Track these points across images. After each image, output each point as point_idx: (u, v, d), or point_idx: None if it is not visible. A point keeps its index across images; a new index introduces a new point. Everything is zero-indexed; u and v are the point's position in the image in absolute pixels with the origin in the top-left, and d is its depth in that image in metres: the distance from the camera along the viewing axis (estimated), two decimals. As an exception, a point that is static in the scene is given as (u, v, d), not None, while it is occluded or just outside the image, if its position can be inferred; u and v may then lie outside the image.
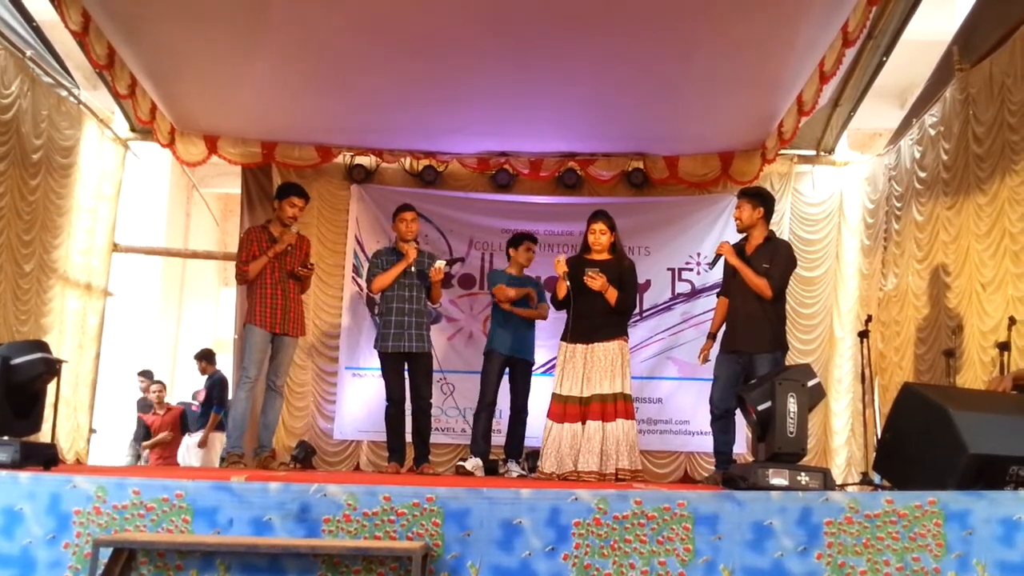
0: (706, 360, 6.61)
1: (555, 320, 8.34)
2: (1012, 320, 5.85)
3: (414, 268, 6.97)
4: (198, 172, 11.35)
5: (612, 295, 6.28)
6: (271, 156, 9.05)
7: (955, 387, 6.37)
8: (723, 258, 6.44)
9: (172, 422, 10.46)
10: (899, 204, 8.21)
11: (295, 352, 7.52)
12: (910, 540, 3.79)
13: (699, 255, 9.33)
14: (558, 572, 3.76)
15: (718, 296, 6.70)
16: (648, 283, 9.31)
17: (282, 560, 3.72)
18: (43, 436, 6.18)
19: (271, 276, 6.86)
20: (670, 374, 9.28)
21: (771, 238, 6.39)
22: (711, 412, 6.33)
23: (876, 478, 5.91)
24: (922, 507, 3.82)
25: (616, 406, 6.14)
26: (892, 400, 4.80)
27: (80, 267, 8.72)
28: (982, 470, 4.05)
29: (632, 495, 3.86)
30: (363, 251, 9.40)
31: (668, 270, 9.48)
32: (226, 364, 10.28)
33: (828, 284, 9.40)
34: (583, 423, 6.14)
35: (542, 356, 9.05)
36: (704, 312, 9.15)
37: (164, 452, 10.40)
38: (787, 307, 6.68)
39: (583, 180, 9.54)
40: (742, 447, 8.08)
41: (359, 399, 9.29)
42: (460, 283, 9.38)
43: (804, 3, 6.24)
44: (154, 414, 10.59)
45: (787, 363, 6.21)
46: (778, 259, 6.20)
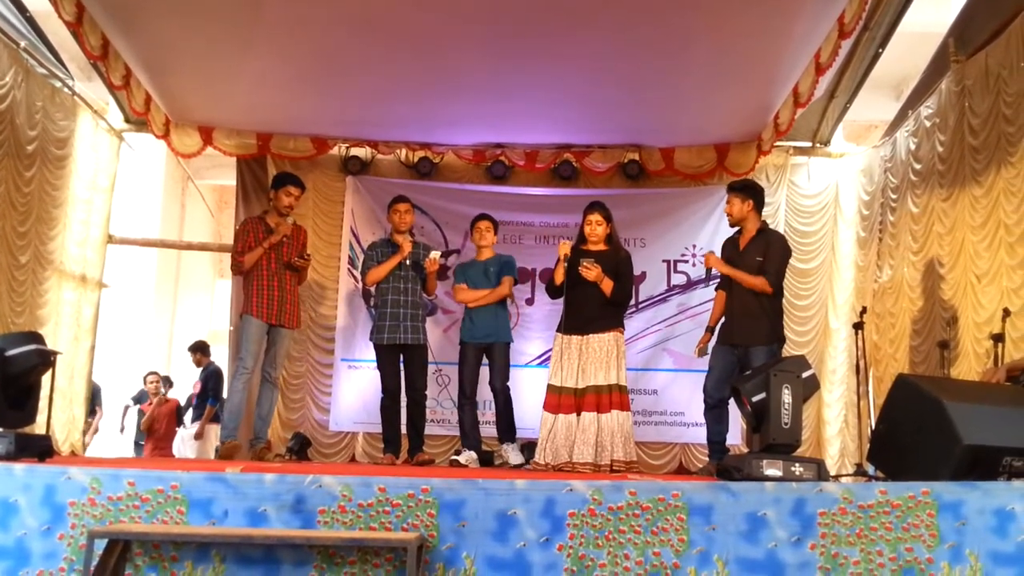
0: (703, 353, 6.60)
1: (551, 311, 8.36)
2: (1006, 312, 5.87)
3: (409, 260, 6.98)
4: (193, 163, 11.37)
5: (608, 286, 6.27)
6: (266, 147, 9.04)
7: (949, 378, 6.38)
8: (722, 253, 6.47)
9: (168, 414, 10.46)
10: (894, 196, 8.22)
11: (290, 344, 7.52)
12: (903, 531, 3.80)
13: (695, 247, 9.33)
14: (553, 563, 3.77)
15: (717, 289, 6.71)
16: (644, 275, 9.30)
17: (277, 551, 3.72)
18: (38, 428, 6.19)
19: (267, 267, 6.86)
20: (665, 366, 9.29)
21: (764, 229, 6.38)
22: (704, 402, 6.36)
23: (870, 469, 5.92)
24: (916, 498, 3.83)
25: (611, 397, 6.14)
26: (886, 391, 4.81)
27: (76, 259, 8.71)
28: (976, 461, 4.06)
29: (627, 486, 3.87)
30: (359, 243, 9.39)
31: (663, 262, 9.48)
32: (221, 355, 10.28)
33: (823, 276, 9.41)
34: (578, 414, 6.14)
35: (537, 348, 9.10)
36: (699, 304, 9.17)
37: (159, 443, 10.39)
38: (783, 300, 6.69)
39: (579, 172, 9.53)
40: (736, 438, 8.10)
41: (355, 391, 9.29)
42: (456, 275, 9.35)
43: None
44: (149, 404, 10.57)
45: (782, 355, 6.22)
46: (772, 252, 6.19)
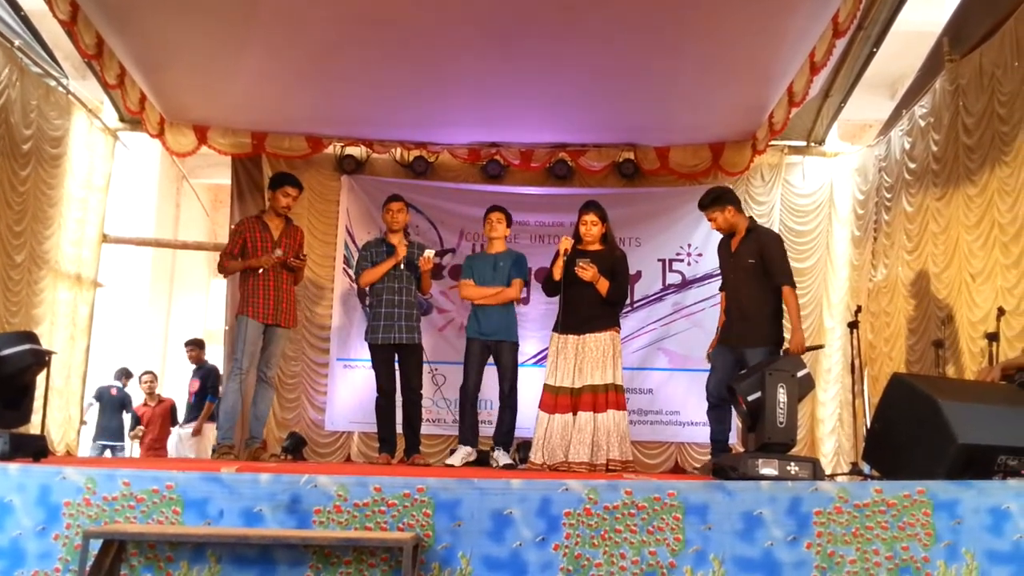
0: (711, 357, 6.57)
1: (547, 311, 8.36)
2: (1001, 311, 5.87)
3: (403, 260, 6.96)
4: (188, 163, 11.33)
5: (603, 286, 6.27)
6: (261, 147, 9.03)
7: (944, 377, 6.39)
8: (717, 256, 6.57)
9: (163, 414, 10.45)
10: (889, 195, 8.23)
11: (286, 343, 7.52)
12: (899, 529, 3.80)
13: (690, 246, 9.34)
14: (549, 562, 3.77)
15: (721, 290, 6.66)
16: (639, 274, 9.31)
17: (273, 551, 3.72)
18: (33, 428, 6.19)
19: (263, 268, 6.85)
20: (661, 365, 9.30)
21: (753, 227, 6.35)
22: (707, 400, 6.37)
23: (865, 468, 5.93)
24: (911, 496, 3.83)
25: (607, 397, 6.14)
26: (881, 390, 4.81)
27: (71, 258, 8.70)
28: (971, 460, 4.06)
29: (622, 485, 3.87)
30: (354, 242, 9.38)
31: (659, 261, 9.49)
32: (217, 355, 10.26)
33: (818, 275, 9.42)
34: (574, 414, 6.14)
35: (533, 347, 9.08)
36: (695, 303, 9.20)
37: (154, 443, 10.37)
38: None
39: (574, 171, 9.54)
40: (733, 437, 8.10)
41: (350, 390, 9.29)
42: (451, 274, 9.35)
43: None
44: (145, 405, 10.57)
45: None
46: (774, 256, 6.12)
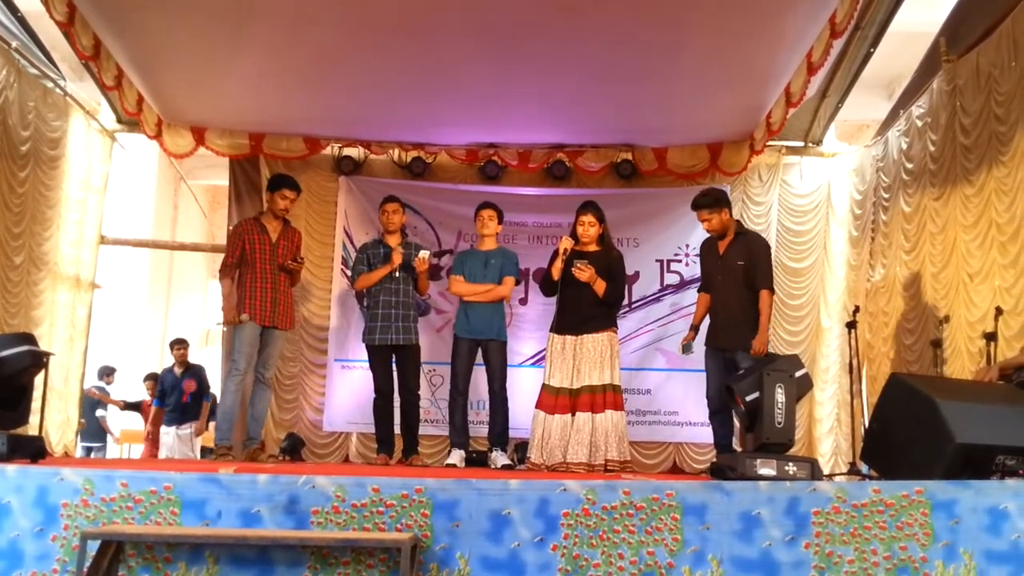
0: (688, 351, 6.74)
1: (544, 311, 8.35)
2: (999, 310, 5.87)
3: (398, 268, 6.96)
4: (185, 164, 11.35)
5: (600, 287, 6.27)
6: (259, 148, 9.02)
7: (942, 377, 6.40)
8: (699, 267, 6.81)
9: (162, 417, 10.42)
10: (886, 195, 8.23)
11: (284, 345, 7.51)
12: (897, 529, 3.81)
13: (687, 247, 9.32)
14: (547, 563, 3.77)
15: (700, 291, 6.87)
16: (637, 274, 9.31)
17: (271, 552, 3.72)
18: (31, 429, 6.18)
19: (262, 270, 6.85)
20: (659, 365, 9.30)
21: (742, 231, 6.58)
22: (709, 407, 6.54)
23: (863, 468, 5.93)
24: (909, 496, 3.84)
25: (605, 397, 6.14)
26: (879, 390, 4.82)
27: (70, 260, 8.69)
28: (969, 459, 4.07)
29: (621, 485, 3.87)
30: (351, 243, 9.38)
31: (657, 261, 9.48)
32: (214, 357, 10.26)
33: (816, 275, 9.42)
34: (572, 414, 6.14)
35: (531, 347, 9.09)
36: (692, 303, 9.08)
37: (153, 447, 10.36)
38: (775, 298, 6.82)
39: (572, 171, 9.54)
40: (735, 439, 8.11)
41: (348, 391, 9.28)
42: (449, 275, 9.33)
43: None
44: (149, 404, 10.56)
45: (774, 354, 6.29)
46: (758, 260, 6.35)
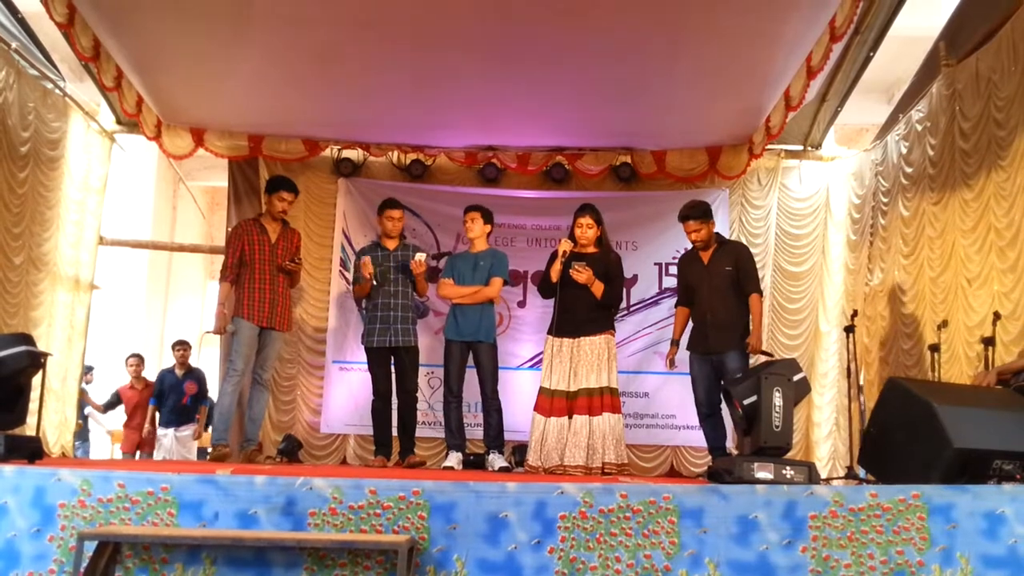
0: (673, 364, 6.87)
1: (543, 314, 8.35)
2: (997, 315, 5.88)
3: (394, 263, 6.97)
4: (184, 165, 11.33)
5: (598, 289, 6.29)
6: (258, 149, 9.01)
7: (940, 382, 6.40)
8: (680, 272, 7.07)
9: (148, 399, 10.31)
10: (885, 199, 8.23)
11: (281, 346, 7.51)
12: (894, 534, 3.81)
13: (686, 250, 9.32)
14: (544, 565, 3.77)
15: (677, 306, 7.06)
16: (635, 278, 9.31)
17: (268, 553, 3.72)
18: (29, 429, 6.18)
19: (260, 271, 6.86)
20: (657, 369, 9.27)
21: (722, 240, 6.89)
22: (699, 413, 6.66)
23: (861, 472, 5.94)
24: (906, 501, 3.84)
25: (603, 400, 6.16)
26: (877, 394, 4.82)
27: (69, 260, 8.69)
28: (966, 464, 4.07)
29: (618, 488, 3.87)
30: (350, 245, 9.39)
31: (655, 264, 9.48)
32: (213, 357, 10.24)
33: (814, 279, 9.42)
34: (570, 417, 6.16)
35: (529, 350, 9.09)
36: (691, 306, 9.20)
37: (139, 427, 10.15)
38: (773, 302, 6.90)
39: (571, 174, 9.54)
40: (728, 441, 8.10)
41: (346, 393, 9.28)
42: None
43: (791, -3, 6.26)
44: (131, 388, 10.42)
45: (772, 357, 6.35)
46: (746, 266, 6.65)
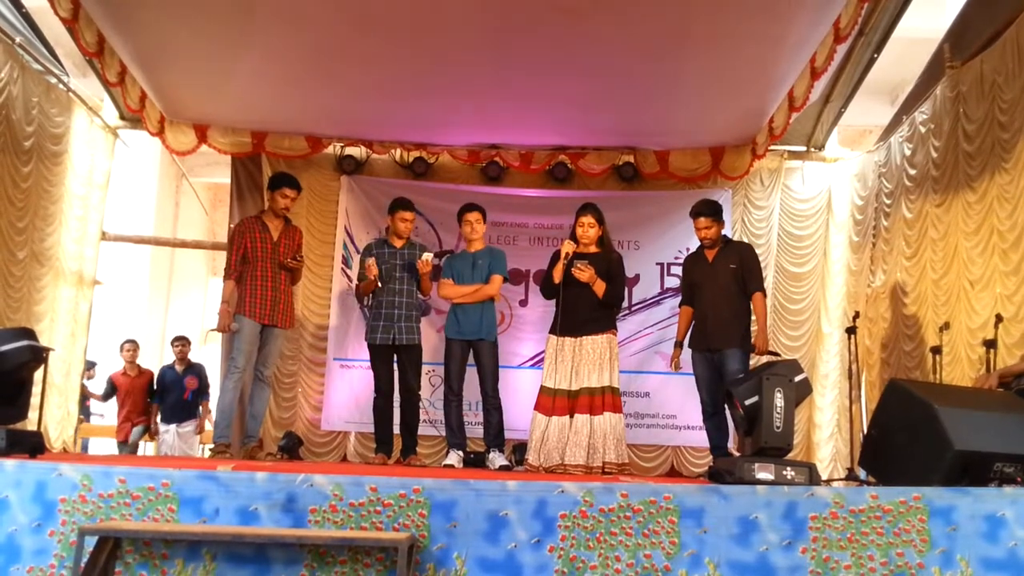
0: (678, 367, 6.89)
1: (544, 313, 8.35)
2: (999, 318, 5.87)
3: (400, 261, 6.96)
4: (187, 161, 11.34)
5: (600, 288, 6.28)
6: (261, 146, 9.01)
7: (941, 384, 6.40)
8: (681, 281, 7.14)
9: (142, 386, 10.24)
10: (888, 201, 8.23)
11: (283, 343, 7.51)
12: (894, 535, 3.81)
13: (688, 249, 9.29)
14: (544, 564, 3.77)
15: (680, 305, 7.04)
16: (637, 277, 9.31)
17: (268, 550, 3.72)
18: (30, 424, 6.18)
19: (262, 268, 6.86)
20: (658, 368, 9.28)
21: (727, 240, 6.89)
22: (704, 411, 6.68)
23: (861, 473, 5.94)
24: (907, 503, 3.84)
25: (604, 399, 6.15)
26: (878, 396, 4.82)
27: (73, 256, 8.70)
28: (967, 466, 4.07)
29: (618, 488, 3.87)
30: (352, 242, 9.40)
31: (657, 264, 9.48)
32: (214, 354, 10.25)
33: (816, 280, 9.42)
34: (571, 416, 6.15)
35: (531, 349, 9.09)
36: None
37: (130, 415, 10.02)
38: (774, 303, 6.91)
39: (573, 173, 9.55)
40: (730, 442, 8.11)
41: (347, 390, 9.29)
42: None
43: (796, -2, 6.25)
44: (124, 374, 10.35)
45: (779, 357, 6.37)
46: (751, 264, 6.66)
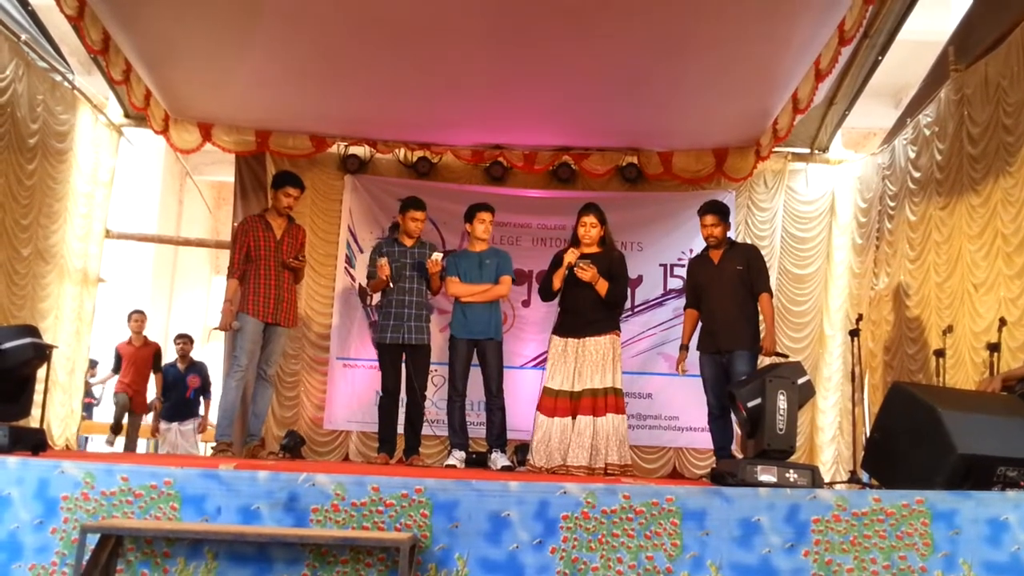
0: (684, 371, 6.91)
1: (547, 314, 8.35)
2: (1003, 321, 5.87)
3: (410, 260, 6.96)
4: (191, 159, 11.37)
5: (603, 287, 6.27)
6: (265, 145, 9.03)
7: (944, 387, 6.39)
8: (687, 284, 7.18)
9: (146, 358, 10.19)
10: (892, 204, 8.22)
11: (286, 342, 7.52)
12: (897, 539, 3.80)
13: (691, 251, 9.31)
14: (545, 565, 3.76)
15: (686, 308, 7.04)
16: (640, 278, 9.32)
17: (270, 549, 3.72)
18: (33, 421, 6.19)
19: (265, 266, 6.86)
20: (661, 370, 9.28)
21: (732, 242, 6.90)
22: (709, 413, 6.67)
23: (864, 476, 5.93)
24: (909, 506, 3.83)
25: (607, 400, 6.14)
26: (881, 399, 4.81)
27: (77, 253, 8.71)
28: (970, 470, 4.06)
29: (620, 489, 3.86)
30: (356, 242, 9.41)
31: (660, 266, 9.49)
32: (217, 352, 10.25)
33: (819, 282, 9.42)
34: (573, 417, 6.15)
35: (533, 349, 9.09)
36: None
37: (131, 386, 9.94)
38: (778, 305, 6.91)
39: (577, 174, 9.55)
40: (734, 444, 8.11)
41: (349, 389, 9.30)
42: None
43: (802, 0, 6.24)
44: (129, 344, 10.28)
45: (787, 358, 6.38)
46: (759, 266, 6.72)
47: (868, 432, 5.82)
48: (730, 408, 6.22)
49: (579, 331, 6.29)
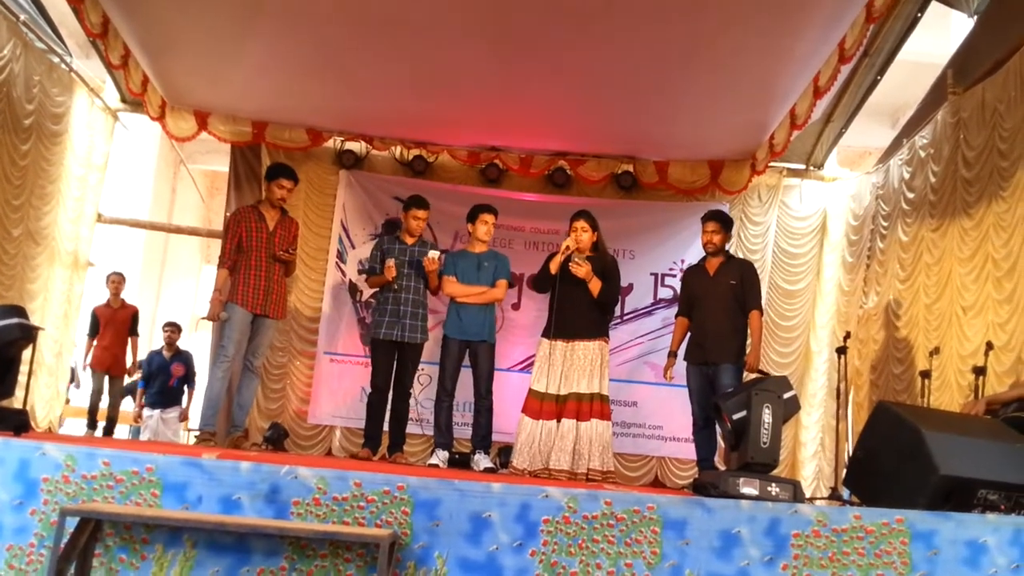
0: (671, 377, 6.94)
1: (537, 317, 8.35)
2: (990, 345, 5.89)
3: (408, 257, 6.96)
4: (186, 148, 11.32)
5: (596, 286, 6.27)
6: (261, 136, 9.01)
7: (929, 408, 6.41)
8: (680, 292, 7.15)
9: (124, 320, 10.08)
10: (885, 223, 8.24)
11: (274, 334, 7.51)
12: (875, 556, 3.81)
13: (683, 261, 9.32)
14: (525, 568, 3.76)
15: (677, 316, 7.09)
16: (631, 287, 9.32)
17: (249, 540, 3.71)
18: (17, 402, 6.16)
19: (256, 258, 6.84)
20: (647, 379, 9.29)
21: (730, 255, 6.93)
22: (694, 424, 6.71)
23: (845, 493, 5.95)
24: (889, 524, 3.84)
25: (592, 406, 6.14)
26: (865, 417, 4.82)
27: (69, 236, 8.68)
28: (951, 491, 4.07)
29: (602, 495, 3.87)
30: (348, 237, 9.40)
31: (651, 275, 9.50)
32: (204, 342, 10.23)
33: (808, 298, 9.45)
34: (558, 421, 6.14)
35: (521, 353, 9.08)
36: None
37: (108, 349, 9.64)
38: (767, 319, 6.93)
39: (572, 180, 9.57)
40: (717, 456, 8.12)
41: (335, 384, 9.29)
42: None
43: (803, 16, 6.26)
44: (107, 306, 10.14)
45: (767, 375, 6.37)
46: (752, 281, 6.72)
47: (851, 449, 5.82)
48: (715, 419, 6.24)
49: (569, 335, 6.28)
